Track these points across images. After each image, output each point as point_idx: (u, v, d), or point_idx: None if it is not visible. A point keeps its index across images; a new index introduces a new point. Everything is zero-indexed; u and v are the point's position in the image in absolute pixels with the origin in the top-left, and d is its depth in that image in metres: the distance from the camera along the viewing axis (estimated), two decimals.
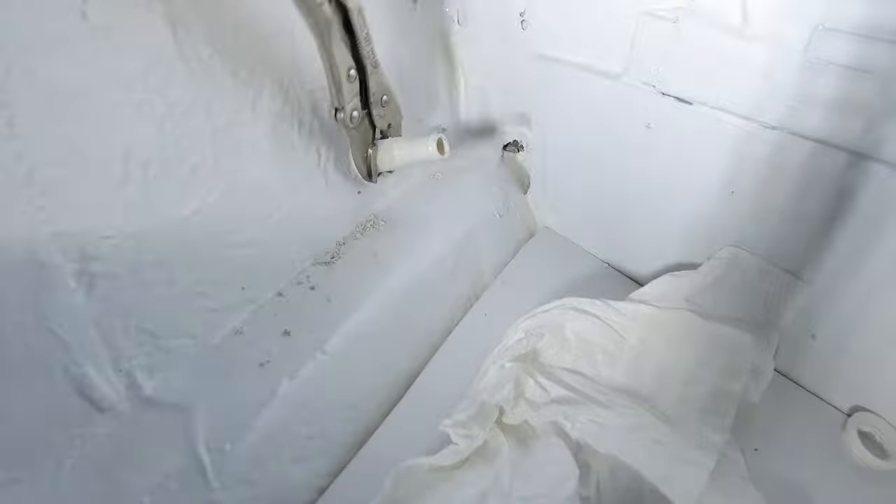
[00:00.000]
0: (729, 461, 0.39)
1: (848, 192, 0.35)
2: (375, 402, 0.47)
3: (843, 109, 0.33)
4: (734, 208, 0.43)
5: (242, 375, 0.40)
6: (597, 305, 0.48)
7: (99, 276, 0.33)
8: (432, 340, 0.53)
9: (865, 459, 0.41)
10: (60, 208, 0.31)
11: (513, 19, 0.51)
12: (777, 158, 0.38)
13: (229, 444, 0.37)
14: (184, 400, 0.38)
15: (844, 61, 0.32)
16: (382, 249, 0.50)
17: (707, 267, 0.46)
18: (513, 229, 0.62)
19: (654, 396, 0.43)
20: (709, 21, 0.37)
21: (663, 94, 0.42)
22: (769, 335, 0.44)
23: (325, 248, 0.50)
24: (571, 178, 0.56)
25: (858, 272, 0.38)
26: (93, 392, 0.35)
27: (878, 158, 0.33)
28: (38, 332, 0.31)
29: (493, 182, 0.60)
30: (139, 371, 0.37)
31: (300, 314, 0.44)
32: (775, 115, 0.36)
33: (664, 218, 0.49)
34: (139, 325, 0.36)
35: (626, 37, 0.42)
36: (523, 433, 0.43)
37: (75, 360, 0.33)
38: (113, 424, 0.36)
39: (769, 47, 0.34)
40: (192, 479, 0.36)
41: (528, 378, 0.44)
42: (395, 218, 0.54)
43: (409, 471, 0.40)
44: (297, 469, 0.41)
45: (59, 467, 0.33)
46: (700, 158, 0.43)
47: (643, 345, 0.46)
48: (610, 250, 0.59)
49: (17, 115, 0.28)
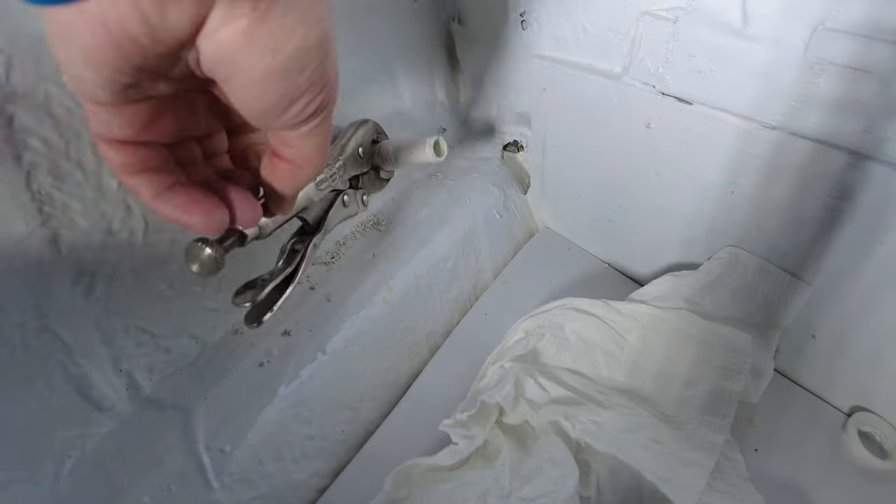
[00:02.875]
0: (729, 461, 0.39)
1: (848, 191, 0.35)
2: (375, 403, 0.47)
3: (843, 109, 0.33)
4: (734, 208, 0.43)
5: (242, 375, 0.40)
6: (597, 305, 0.48)
7: (99, 276, 0.33)
8: (432, 340, 0.53)
9: (865, 459, 0.41)
10: (60, 208, 0.31)
11: (513, 19, 0.51)
12: (777, 158, 0.38)
13: (229, 444, 0.37)
14: (184, 400, 0.38)
15: (845, 61, 0.32)
16: (382, 249, 0.50)
17: (707, 267, 0.46)
18: (513, 229, 0.62)
19: (654, 396, 0.43)
20: (709, 21, 0.37)
21: (663, 94, 0.42)
22: (769, 335, 0.44)
23: (325, 247, 0.50)
24: (571, 179, 0.56)
25: (859, 272, 0.38)
26: (93, 392, 0.35)
27: (878, 158, 0.33)
28: (38, 332, 0.31)
29: (493, 182, 0.60)
30: (139, 371, 0.37)
31: (300, 314, 0.44)
32: (775, 114, 0.36)
33: (664, 218, 0.49)
34: (139, 325, 0.36)
35: (626, 37, 0.42)
36: (523, 433, 0.43)
37: (75, 360, 0.33)
38: (113, 424, 0.36)
39: (769, 47, 0.34)
40: (192, 479, 0.36)
41: (528, 378, 0.44)
42: (394, 218, 0.54)
43: (409, 471, 0.40)
44: (297, 469, 0.41)
45: (59, 467, 0.33)
46: (700, 158, 0.43)
47: (643, 345, 0.46)
48: (610, 250, 0.59)
49: (17, 114, 0.28)
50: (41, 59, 0.28)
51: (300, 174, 0.27)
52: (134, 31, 0.18)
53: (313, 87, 0.22)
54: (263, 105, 0.22)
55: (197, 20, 0.19)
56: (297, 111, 0.22)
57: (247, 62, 0.20)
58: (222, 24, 0.19)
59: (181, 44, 0.19)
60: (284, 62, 0.20)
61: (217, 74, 0.21)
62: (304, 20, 0.20)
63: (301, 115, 0.23)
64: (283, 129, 0.24)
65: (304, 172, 0.27)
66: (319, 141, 0.25)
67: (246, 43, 0.19)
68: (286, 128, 0.24)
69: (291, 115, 0.22)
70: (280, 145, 0.25)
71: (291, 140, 0.25)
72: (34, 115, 0.28)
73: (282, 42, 0.20)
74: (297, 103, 0.22)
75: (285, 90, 0.21)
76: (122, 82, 0.20)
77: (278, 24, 0.19)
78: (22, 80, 0.27)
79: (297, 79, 0.21)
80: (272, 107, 0.22)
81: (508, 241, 0.62)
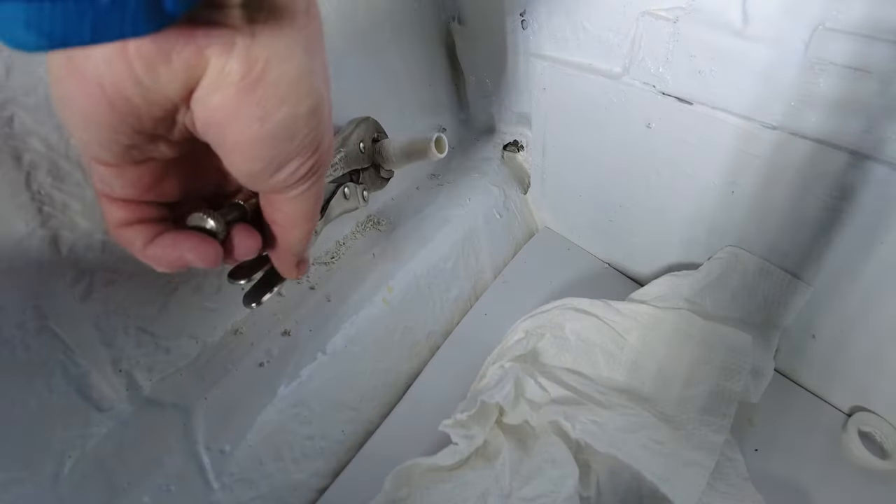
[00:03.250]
0: (729, 461, 0.39)
1: (848, 191, 0.35)
2: (375, 403, 0.47)
3: (843, 109, 0.33)
4: (734, 208, 0.43)
5: (242, 375, 0.40)
6: (597, 305, 0.48)
7: (99, 277, 0.33)
8: (432, 340, 0.53)
9: (865, 459, 0.41)
10: (60, 208, 0.31)
11: (513, 19, 0.51)
12: (777, 158, 0.38)
13: (229, 444, 0.37)
14: (184, 400, 0.38)
15: (845, 61, 0.32)
16: (382, 249, 0.50)
17: (707, 267, 0.46)
18: (513, 229, 0.62)
19: (654, 396, 0.43)
20: (709, 21, 0.37)
21: (663, 94, 0.42)
22: (769, 335, 0.44)
23: (325, 247, 0.50)
24: (571, 178, 0.56)
25: (859, 272, 0.38)
26: (92, 392, 0.35)
27: (878, 158, 0.33)
28: (38, 332, 0.31)
29: (493, 182, 0.60)
30: (139, 371, 0.37)
31: (300, 314, 0.44)
32: (776, 114, 0.36)
33: (664, 218, 0.49)
34: (139, 325, 0.36)
35: (626, 37, 0.42)
36: (523, 433, 0.43)
37: (75, 361, 0.33)
38: (113, 424, 0.36)
39: (770, 47, 0.34)
40: (192, 479, 0.36)
41: (528, 378, 0.44)
42: (394, 218, 0.54)
43: (409, 471, 0.40)
44: (297, 469, 0.41)
45: (58, 467, 0.33)
46: (700, 158, 0.43)
47: (643, 345, 0.46)
48: (610, 250, 0.59)
49: (17, 114, 0.28)
50: (41, 60, 0.28)
51: (287, 238, 0.27)
52: (128, 91, 0.18)
53: (303, 152, 0.22)
54: (253, 169, 0.22)
55: (189, 84, 0.19)
56: (285, 175, 0.22)
57: (235, 128, 0.20)
58: (213, 89, 0.19)
59: (175, 106, 0.20)
60: (273, 130, 0.20)
61: (209, 138, 0.21)
62: (296, 90, 0.20)
63: (290, 180, 0.23)
64: (273, 192, 0.24)
65: (292, 236, 0.27)
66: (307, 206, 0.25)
67: (235, 109, 0.19)
68: (276, 191, 0.24)
69: (280, 180, 0.23)
70: (268, 207, 0.26)
71: (279, 203, 0.25)
72: (34, 115, 0.28)
73: (271, 111, 0.20)
74: (286, 168, 0.22)
75: (273, 157, 0.21)
76: (122, 143, 0.21)
77: (268, 93, 0.19)
78: (22, 80, 0.27)
79: (287, 146, 0.21)
80: (261, 171, 0.22)
81: (508, 241, 0.62)
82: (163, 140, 0.22)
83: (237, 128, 0.20)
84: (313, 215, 0.26)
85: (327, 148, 0.24)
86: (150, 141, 0.21)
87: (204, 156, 0.24)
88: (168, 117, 0.20)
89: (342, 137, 0.42)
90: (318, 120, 0.22)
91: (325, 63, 0.23)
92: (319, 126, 0.22)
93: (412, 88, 0.55)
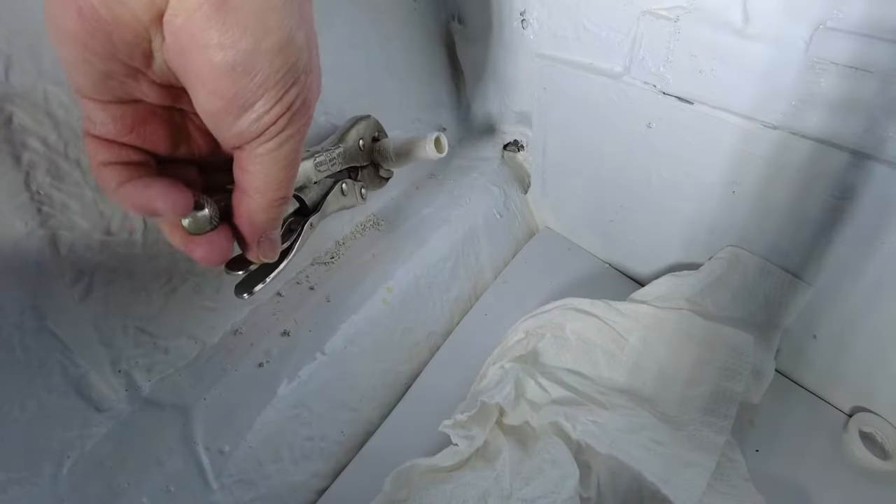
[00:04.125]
0: (730, 462, 0.39)
1: (849, 191, 0.35)
2: (375, 403, 0.47)
3: (844, 109, 0.33)
4: (735, 208, 0.43)
5: (241, 376, 0.40)
6: (597, 305, 0.48)
7: (98, 277, 0.33)
8: (432, 340, 0.53)
9: (866, 460, 0.41)
10: (59, 208, 0.30)
11: (513, 19, 0.51)
12: (778, 158, 0.38)
13: (228, 445, 0.37)
14: (183, 400, 0.38)
15: (846, 60, 0.32)
16: (382, 249, 0.50)
17: (708, 267, 0.46)
18: (513, 229, 0.62)
19: (654, 397, 0.43)
20: (710, 20, 0.37)
21: (664, 94, 0.42)
22: (770, 335, 0.44)
23: (325, 247, 0.50)
24: (572, 178, 0.56)
25: (860, 272, 0.38)
26: (91, 392, 0.35)
27: (879, 158, 0.33)
28: (37, 332, 0.31)
29: (493, 182, 0.60)
30: (138, 371, 0.37)
31: (299, 314, 0.44)
32: (776, 114, 0.36)
33: (665, 218, 0.49)
34: (138, 325, 0.36)
35: (626, 36, 0.42)
36: (524, 434, 0.43)
37: (74, 361, 0.33)
38: (112, 425, 0.36)
39: (770, 46, 0.34)
40: (191, 480, 0.35)
41: (528, 378, 0.44)
42: (394, 218, 0.54)
43: (408, 472, 0.39)
44: (296, 470, 0.41)
45: (57, 468, 0.33)
46: (701, 158, 0.43)
47: (644, 345, 0.46)
48: (610, 250, 0.58)
49: (15, 113, 0.28)
50: (40, 59, 0.28)
51: (249, 204, 0.25)
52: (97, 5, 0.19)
53: (267, 95, 0.21)
54: (213, 106, 0.21)
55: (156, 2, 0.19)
56: (249, 122, 0.21)
57: (197, 56, 0.20)
58: (180, 10, 0.19)
59: (144, 27, 0.20)
60: (232, 61, 0.20)
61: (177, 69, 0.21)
62: (262, 22, 0.19)
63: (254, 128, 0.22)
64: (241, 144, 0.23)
65: (254, 202, 0.25)
66: (275, 170, 0.23)
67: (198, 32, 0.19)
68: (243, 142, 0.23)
69: (244, 127, 0.22)
70: (236, 168, 0.24)
71: (245, 161, 0.23)
72: (33, 114, 0.28)
73: (234, 39, 0.19)
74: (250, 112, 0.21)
75: (234, 93, 0.20)
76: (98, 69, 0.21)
77: (231, 19, 0.19)
78: (20, 79, 0.27)
79: (248, 83, 0.20)
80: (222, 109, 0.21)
81: (509, 241, 0.62)
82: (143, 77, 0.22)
83: (199, 56, 0.20)
84: (281, 184, 0.24)
85: (301, 106, 0.22)
86: (129, 74, 0.21)
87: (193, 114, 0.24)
88: (141, 43, 0.20)
89: (340, 133, 0.42)
90: (286, 63, 0.21)
91: (309, 14, 0.22)
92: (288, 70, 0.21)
93: (412, 88, 0.55)
